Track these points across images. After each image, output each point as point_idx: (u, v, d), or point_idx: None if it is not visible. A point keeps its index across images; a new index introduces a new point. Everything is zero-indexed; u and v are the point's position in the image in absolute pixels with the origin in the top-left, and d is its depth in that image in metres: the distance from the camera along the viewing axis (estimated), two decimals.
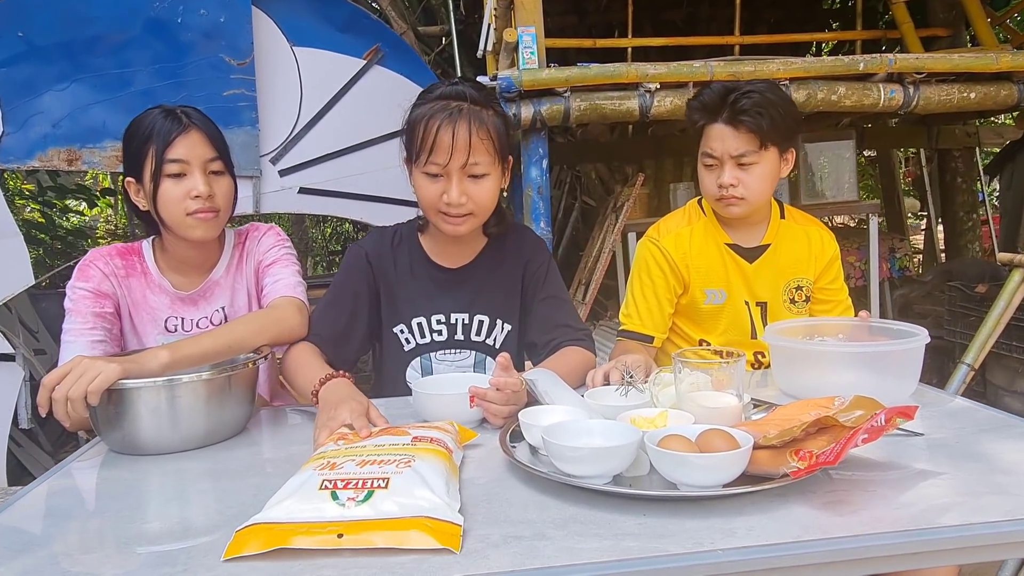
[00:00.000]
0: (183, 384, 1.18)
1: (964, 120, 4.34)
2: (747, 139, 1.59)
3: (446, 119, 1.34)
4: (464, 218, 1.40)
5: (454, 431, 1.08)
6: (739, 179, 1.61)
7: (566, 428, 1.00)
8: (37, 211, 5.27)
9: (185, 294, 1.50)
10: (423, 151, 1.35)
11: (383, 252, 1.53)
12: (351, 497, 0.82)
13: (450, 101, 1.36)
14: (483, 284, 1.54)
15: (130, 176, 1.42)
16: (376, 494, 0.82)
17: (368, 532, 0.78)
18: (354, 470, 0.88)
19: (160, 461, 1.15)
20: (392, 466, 0.88)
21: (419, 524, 0.79)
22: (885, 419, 0.90)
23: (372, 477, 0.85)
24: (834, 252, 1.78)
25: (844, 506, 0.86)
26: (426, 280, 1.52)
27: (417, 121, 1.37)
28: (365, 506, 0.81)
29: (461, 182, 1.37)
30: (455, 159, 1.34)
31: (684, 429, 0.96)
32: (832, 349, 1.36)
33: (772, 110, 1.57)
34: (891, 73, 2.63)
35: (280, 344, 1.40)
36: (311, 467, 0.90)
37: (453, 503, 0.85)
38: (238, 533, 0.80)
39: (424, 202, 1.42)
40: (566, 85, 2.50)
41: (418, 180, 1.40)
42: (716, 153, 1.62)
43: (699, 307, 1.76)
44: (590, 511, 0.87)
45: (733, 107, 1.58)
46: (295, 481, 0.87)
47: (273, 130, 3.53)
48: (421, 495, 0.83)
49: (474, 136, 1.34)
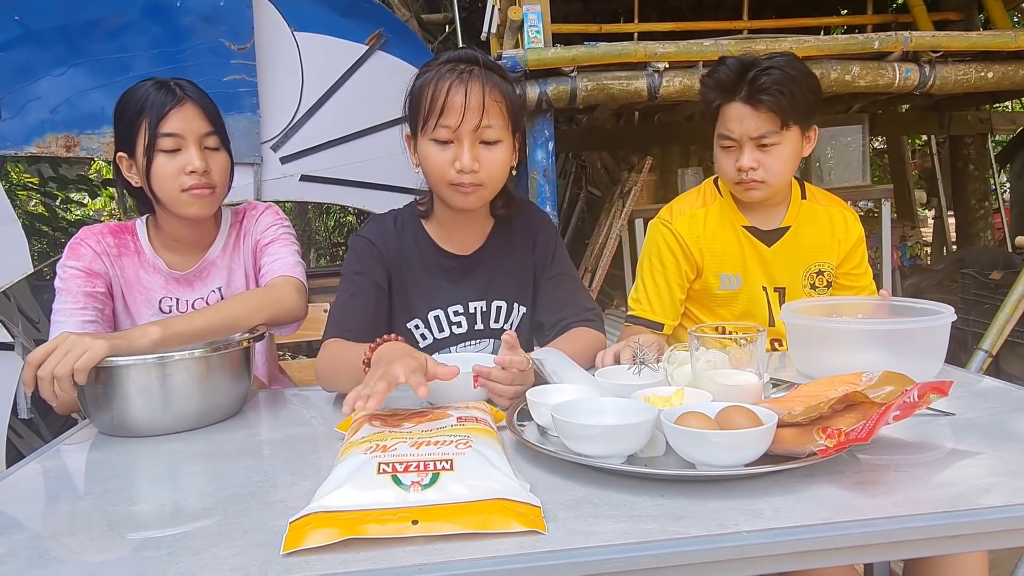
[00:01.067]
0: (175, 362, 1.13)
1: (977, 106, 4.26)
2: (768, 119, 1.50)
3: (457, 79, 1.26)
4: (475, 188, 1.30)
5: (488, 411, 1.02)
6: (760, 161, 1.53)
7: (577, 406, 0.95)
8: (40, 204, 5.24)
9: (180, 274, 1.45)
10: (432, 114, 1.26)
11: (388, 241, 1.42)
12: (415, 481, 0.75)
13: (459, 63, 1.28)
14: (496, 268, 1.46)
15: (122, 151, 1.37)
16: (442, 477, 0.76)
17: (444, 518, 0.72)
18: (410, 452, 0.81)
19: (151, 443, 1.10)
20: (451, 447, 0.82)
21: (498, 507, 0.73)
22: (918, 395, 0.84)
23: (434, 459, 0.79)
24: (859, 234, 1.70)
25: (875, 487, 0.80)
26: (436, 269, 1.42)
27: (425, 85, 1.28)
28: (433, 490, 0.74)
29: (473, 147, 1.28)
30: (467, 120, 1.26)
31: (703, 407, 0.91)
32: (853, 327, 1.30)
33: (793, 86, 1.48)
34: (906, 52, 2.56)
35: (277, 324, 1.35)
36: (358, 451, 0.83)
37: (523, 483, 0.79)
38: (293, 524, 0.71)
39: (433, 172, 1.31)
40: (572, 64, 2.44)
41: (425, 149, 1.30)
42: (734, 135, 1.54)
43: (713, 293, 1.70)
44: (603, 492, 0.81)
45: (752, 85, 1.49)
46: (347, 466, 0.79)
47: (274, 116, 3.49)
48: (492, 476, 0.77)
49: (487, 97, 1.26)
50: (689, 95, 2.55)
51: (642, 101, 2.60)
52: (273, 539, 0.72)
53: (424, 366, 0.99)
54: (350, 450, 0.85)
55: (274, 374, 1.62)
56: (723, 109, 1.56)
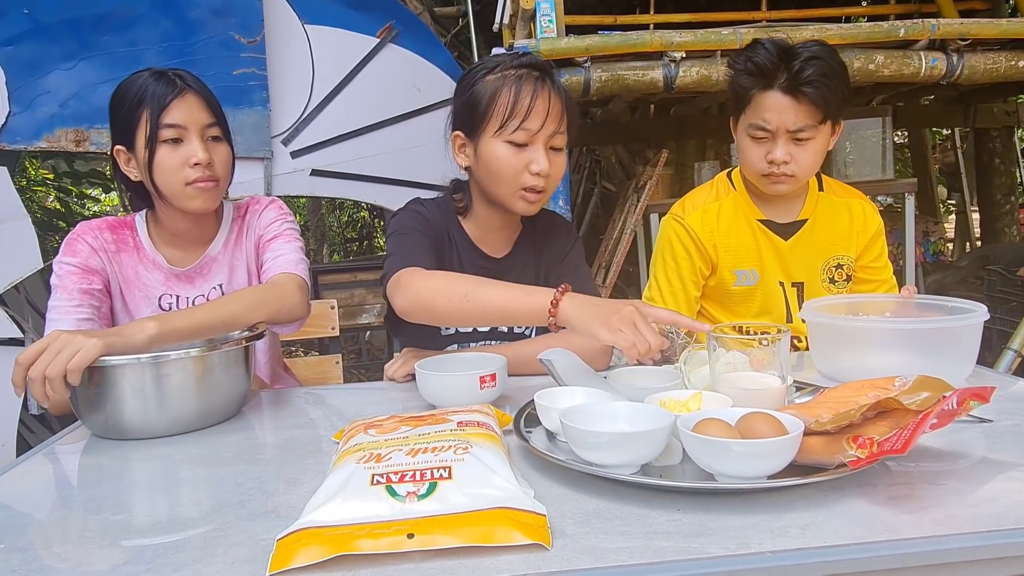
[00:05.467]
0: (171, 361, 1.08)
1: (1003, 97, 4.14)
2: (808, 112, 1.43)
3: (540, 85, 1.27)
4: (540, 195, 1.31)
5: (493, 414, 0.97)
6: (792, 155, 1.46)
7: (587, 411, 0.89)
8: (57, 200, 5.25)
9: (180, 270, 1.40)
10: (513, 117, 1.25)
11: (439, 224, 1.39)
12: (411, 491, 0.70)
13: (532, 71, 1.29)
14: (523, 272, 1.45)
15: (120, 144, 1.33)
16: (440, 486, 0.71)
17: (441, 530, 0.67)
18: (406, 460, 0.76)
19: (145, 446, 1.06)
20: (449, 452, 0.77)
21: (500, 517, 0.68)
22: (957, 402, 0.78)
23: (431, 467, 0.74)
24: (878, 226, 1.64)
25: (911, 502, 0.74)
26: (470, 267, 1.40)
27: (501, 86, 1.27)
28: (430, 500, 0.70)
29: (548, 152, 1.29)
30: (548, 126, 1.27)
31: (722, 412, 0.85)
32: (880, 326, 1.24)
33: (836, 79, 1.41)
34: (933, 40, 2.47)
35: (278, 322, 1.30)
36: (350, 460, 0.78)
37: (527, 490, 0.74)
38: (281, 542, 0.66)
39: (504, 174, 1.29)
40: (586, 55, 2.37)
41: (496, 151, 1.28)
42: (770, 125, 1.45)
43: (729, 289, 1.64)
44: (615, 505, 0.76)
45: (796, 75, 1.40)
46: (338, 477, 0.74)
47: (284, 110, 3.46)
48: (493, 483, 0.72)
49: (563, 106, 1.30)
50: (707, 86, 2.47)
51: (658, 92, 2.53)
52: (259, 554, 0.68)
53: None
54: (342, 460, 0.80)
55: (277, 373, 1.57)
56: (758, 97, 1.47)
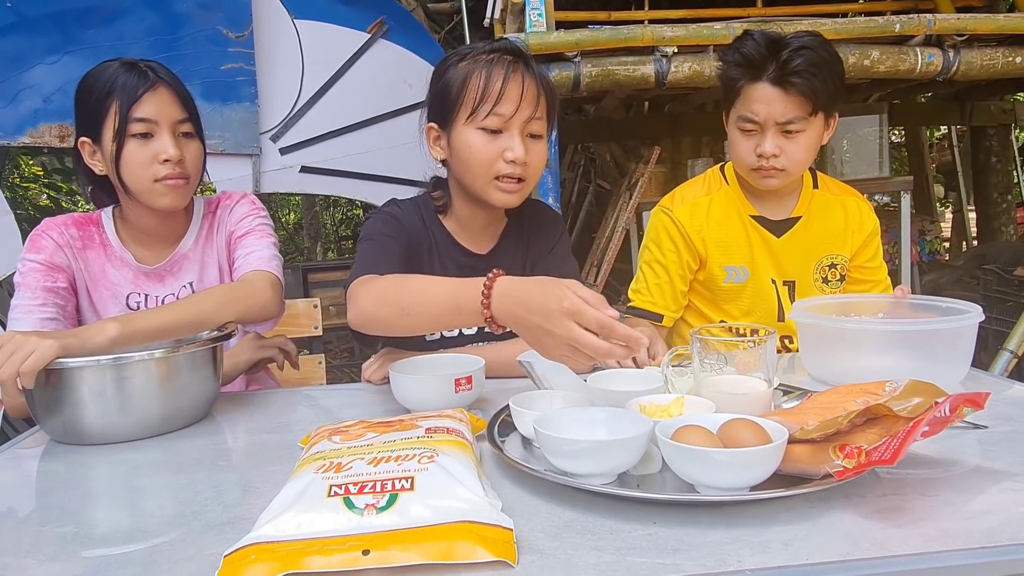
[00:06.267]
0: (133, 363, 1.04)
1: (1000, 95, 4.11)
2: (797, 104, 1.39)
3: (511, 69, 1.21)
4: (519, 184, 1.25)
5: (466, 419, 0.92)
6: (782, 148, 1.43)
7: (562, 417, 0.85)
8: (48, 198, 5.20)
9: (149, 268, 1.36)
10: (485, 102, 1.19)
11: (415, 226, 1.32)
12: (370, 503, 0.66)
13: (504, 54, 1.22)
14: (510, 269, 1.37)
15: (85, 135, 1.28)
16: (401, 498, 0.67)
17: (400, 546, 0.62)
18: (367, 470, 0.72)
19: (106, 451, 1.01)
20: (413, 462, 0.73)
21: (463, 531, 0.63)
22: (950, 408, 0.74)
23: (392, 477, 0.70)
24: (874, 226, 1.60)
25: (901, 514, 0.70)
26: (452, 266, 1.34)
27: (472, 72, 1.21)
28: (390, 513, 0.65)
29: (523, 138, 1.22)
30: (522, 111, 1.21)
31: (703, 419, 0.81)
32: (871, 328, 1.19)
33: (826, 70, 1.37)
34: (929, 35, 2.43)
35: (249, 322, 1.26)
36: (309, 469, 0.73)
37: (494, 502, 0.70)
38: (228, 558, 0.62)
39: (476, 163, 1.23)
40: (576, 49, 2.33)
41: (469, 139, 1.22)
42: (758, 118, 1.42)
43: (718, 285, 1.60)
44: (589, 517, 0.72)
45: (784, 66, 1.37)
46: (294, 487, 0.70)
47: (273, 106, 3.42)
48: (457, 495, 0.68)
49: (539, 90, 1.23)
50: (699, 81, 2.44)
51: (650, 88, 2.49)
52: (207, 570, 0.63)
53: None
54: (301, 469, 0.75)
55: (254, 375, 1.52)
56: (746, 89, 1.44)
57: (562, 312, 0.83)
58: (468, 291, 0.96)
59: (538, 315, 0.87)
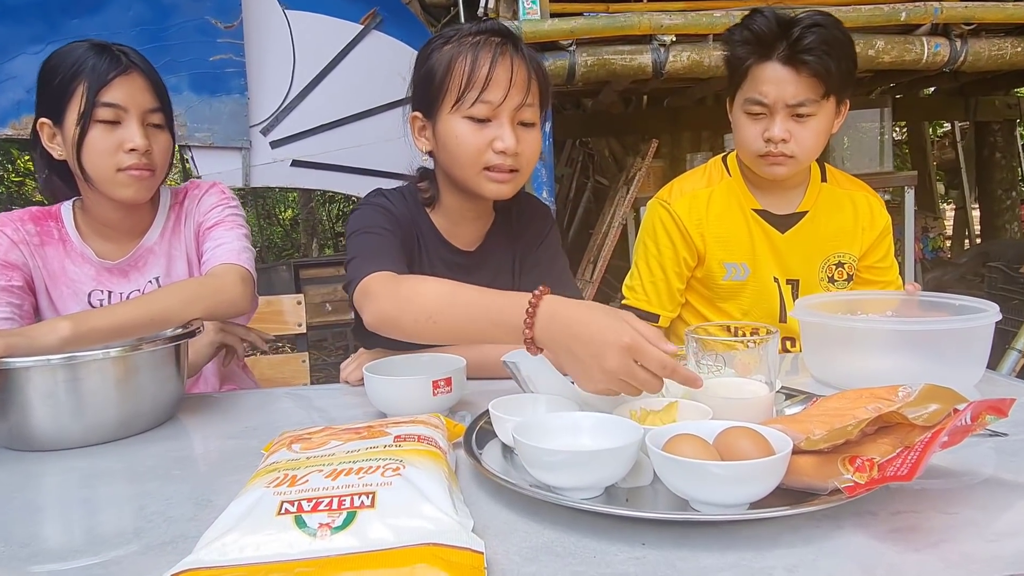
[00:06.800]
0: (87, 363, 0.97)
1: (1005, 90, 4.03)
2: (809, 85, 1.31)
3: (500, 52, 1.11)
4: (512, 175, 1.16)
5: (442, 425, 0.85)
6: (792, 133, 1.35)
7: (545, 424, 0.78)
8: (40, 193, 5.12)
9: (112, 263, 1.28)
10: (471, 88, 1.10)
11: (404, 218, 1.24)
12: (325, 523, 0.59)
13: (492, 36, 1.13)
14: (500, 266, 1.32)
15: (45, 117, 1.21)
16: (360, 516, 0.60)
17: (353, 573, 0.55)
18: (324, 484, 0.64)
19: (57, 458, 0.94)
20: (376, 475, 0.65)
21: (426, 555, 0.56)
22: (972, 417, 0.67)
23: (351, 493, 0.62)
24: (885, 223, 1.52)
25: (918, 535, 0.63)
26: (440, 264, 1.27)
27: (457, 57, 1.12)
28: (346, 534, 0.58)
29: (514, 127, 1.13)
30: (512, 97, 1.11)
31: (699, 427, 0.74)
32: (880, 327, 1.12)
33: (839, 50, 1.30)
34: (936, 24, 2.36)
35: (217, 319, 1.19)
36: (261, 483, 0.66)
37: (465, 520, 0.62)
38: None
39: (464, 154, 1.14)
40: (571, 38, 2.26)
41: (455, 128, 1.14)
42: (768, 100, 1.34)
43: (716, 283, 1.52)
44: (571, 537, 0.64)
45: (795, 44, 1.29)
46: (241, 504, 0.63)
47: (264, 99, 3.35)
48: (423, 513, 0.61)
49: (530, 74, 1.14)
50: (698, 72, 2.36)
51: (647, 79, 2.41)
52: None
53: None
54: (254, 482, 0.68)
55: (229, 373, 1.45)
56: (755, 70, 1.36)
57: (621, 348, 0.78)
58: (509, 305, 0.89)
59: (592, 347, 0.80)
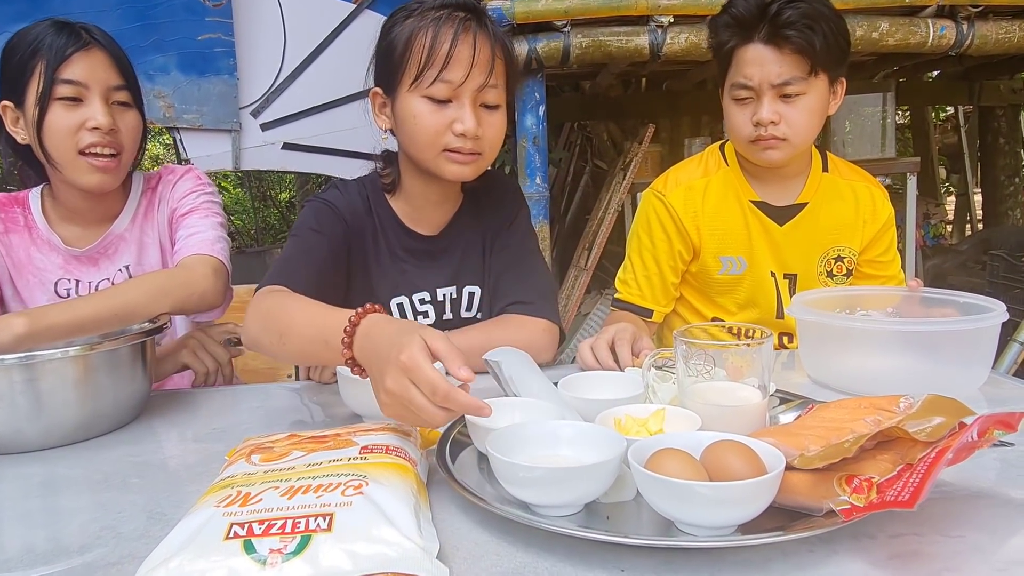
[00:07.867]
0: (43, 363, 0.92)
1: (1010, 74, 3.96)
2: (793, 62, 1.26)
3: (462, 28, 1.06)
4: (474, 157, 1.12)
5: (415, 433, 0.80)
6: (781, 115, 1.29)
7: (521, 435, 0.73)
8: None
9: (80, 251, 1.23)
10: (431, 66, 1.05)
11: (356, 212, 1.20)
12: (276, 548, 0.54)
13: (455, 11, 1.08)
14: (468, 250, 1.27)
15: (7, 100, 1.15)
16: (315, 540, 0.55)
17: None
18: (278, 504, 0.60)
19: (11, 462, 0.89)
20: (336, 493, 0.60)
21: None
22: (979, 432, 0.62)
23: (307, 514, 0.58)
24: (888, 216, 1.46)
25: (920, 562, 0.58)
26: (400, 252, 1.23)
27: (417, 32, 1.07)
28: (299, 560, 0.53)
29: (476, 109, 1.09)
30: (473, 77, 1.07)
31: (685, 439, 0.69)
32: (880, 327, 1.07)
33: (825, 25, 1.24)
34: (941, 6, 2.28)
35: (187, 313, 1.14)
36: (211, 501, 0.62)
37: (430, 544, 0.58)
38: None
39: (422, 136, 1.10)
40: (566, 18, 2.19)
41: (414, 108, 1.09)
42: (752, 82, 1.29)
43: (712, 277, 1.47)
44: (545, 562, 0.60)
45: (775, 20, 1.24)
46: (188, 525, 0.59)
47: (254, 80, 3.28)
48: (383, 537, 0.56)
49: (494, 53, 1.08)
50: (697, 54, 2.29)
51: (644, 60, 2.34)
52: None
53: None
54: (205, 498, 0.63)
55: None
56: (738, 53, 1.31)
57: (398, 367, 0.69)
58: (335, 323, 0.81)
59: (378, 364, 0.73)
